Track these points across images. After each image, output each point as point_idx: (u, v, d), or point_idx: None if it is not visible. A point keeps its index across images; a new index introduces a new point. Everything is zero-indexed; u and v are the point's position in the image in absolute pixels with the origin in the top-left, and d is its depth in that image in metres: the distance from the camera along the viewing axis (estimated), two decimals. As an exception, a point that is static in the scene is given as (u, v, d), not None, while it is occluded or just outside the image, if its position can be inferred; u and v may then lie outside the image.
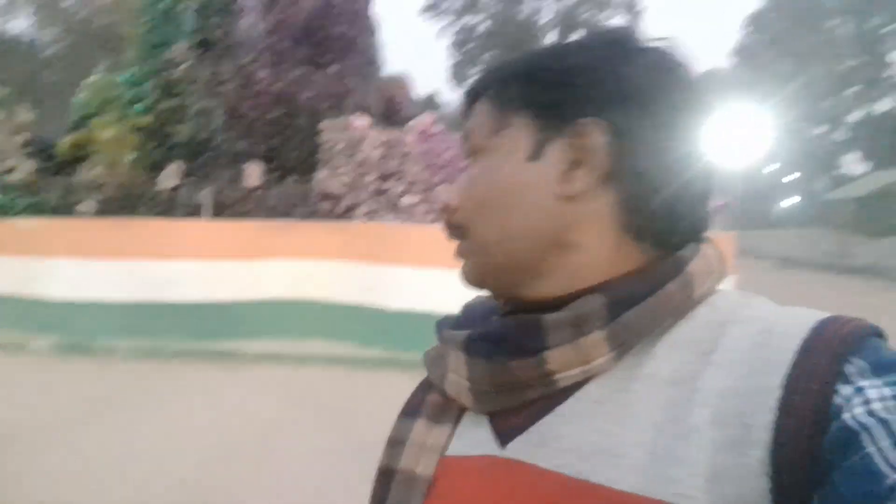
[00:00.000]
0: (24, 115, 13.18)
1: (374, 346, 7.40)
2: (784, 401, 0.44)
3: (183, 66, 12.40)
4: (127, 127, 11.18)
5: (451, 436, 0.60)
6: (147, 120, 11.47)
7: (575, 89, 0.55)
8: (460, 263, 0.61)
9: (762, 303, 0.54)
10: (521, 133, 0.57)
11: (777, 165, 41.35)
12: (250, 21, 13.52)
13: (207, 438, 5.03)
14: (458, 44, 40.65)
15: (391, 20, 15.51)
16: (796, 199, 45.64)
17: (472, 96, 0.62)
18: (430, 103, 15.94)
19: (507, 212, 0.57)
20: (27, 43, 38.25)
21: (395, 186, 10.51)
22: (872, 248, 23.02)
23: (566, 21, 40.56)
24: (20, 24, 37.76)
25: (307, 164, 11.62)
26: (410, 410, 0.64)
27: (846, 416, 0.42)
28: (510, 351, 0.55)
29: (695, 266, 0.54)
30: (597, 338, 0.52)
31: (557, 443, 0.51)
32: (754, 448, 0.44)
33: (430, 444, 0.60)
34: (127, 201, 10.30)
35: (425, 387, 0.65)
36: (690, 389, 0.48)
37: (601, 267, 0.54)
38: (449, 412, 0.61)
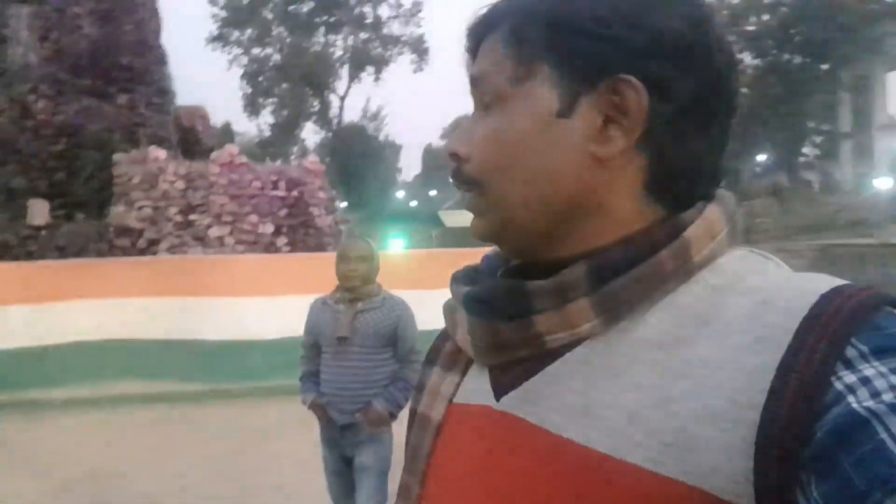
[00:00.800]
0: None
1: (193, 381, 7.33)
2: (777, 382, 0.42)
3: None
4: None
5: (459, 384, 0.63)
6: None
7: (610, 40, 0.52)
8: (470, 216, 0.59)
9: (772, 268, 0.52)
10: (546, 84, 0.54)
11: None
12: (22, 48, 12.52)
13: (29, 490, 4.77)
14: (251, 75, 40.08)
15: (180, 51, 15.15)
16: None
17: (480, 32, 0.59)
18: (227, 133, 15.73)
19: (533, 171, 0.55)
20: None
21: (200, 219, 10.40)
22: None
23: (356, 56, 41.89)
24: None
25: (99, 200, 11.02)
26: (430, 358, 0.68)
27: (852, 403, 0.40)
28: (499, 314, 0.55)
29: (694, 230, 0.52)
30: (581, 305, 0.52)
31: (544, 400, 0.53)
32: (739, 425, 0.43)
33: (442, 391, 0.63)
34: None
35: (443, 336, 0.67)
36: (677, 356, 0.48)
37: (621, 228, 0.54)
38: (459, 361, 0.63)
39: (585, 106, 0.53)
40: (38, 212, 9.68)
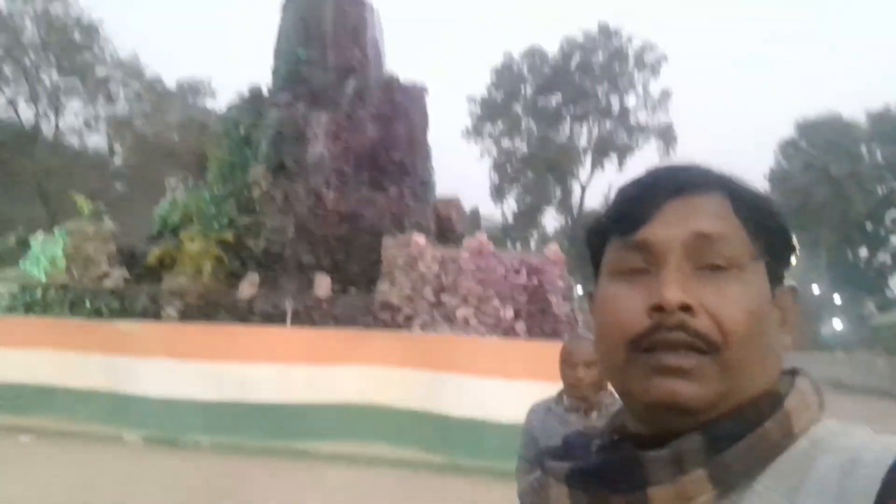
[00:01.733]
0: (109, 225, 14.62)
1: (436, 452, 7.93)
2: None
3: (260, 187, 13.79)
4: (210, 240, 12.39)
5: None
6: (228, 234, 12.70)
7: (790, 255, 0.61)
8: (675, 382, 0.55)
9: (858, 431, 0.54)
10: (763, 270, 0.59)
11: (820, 288, 41.29)
12: (319, 147, 15.00)
13: None
14: (499, 164, 42.95)
15: (439, 143, 16.99)
16: (842, 322, 45.09)
17: (682, 184, 0.61)
18: (475, 218, 17.19)
19: (769, 346, 0.57)
20: (101, 156, 41.57)
21: (450, 300, 11.36)
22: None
23: (600, 146, 42.69)
24: (96, 140, 41.10)
25: (368, 277, 12.61)
26: None
27: None
28: (611, 486, 0.55)
29: (792, 401, 0.55)
30: (698, 476, 0.52)
31: None
32: None
33: None
34: (207, 308, 11.29)
35: None
36: None
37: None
38: None
39: (774, 300, 0.59)
40: (322, 285, 11.39)
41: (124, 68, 39.87)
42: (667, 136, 42.16)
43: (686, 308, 0.55)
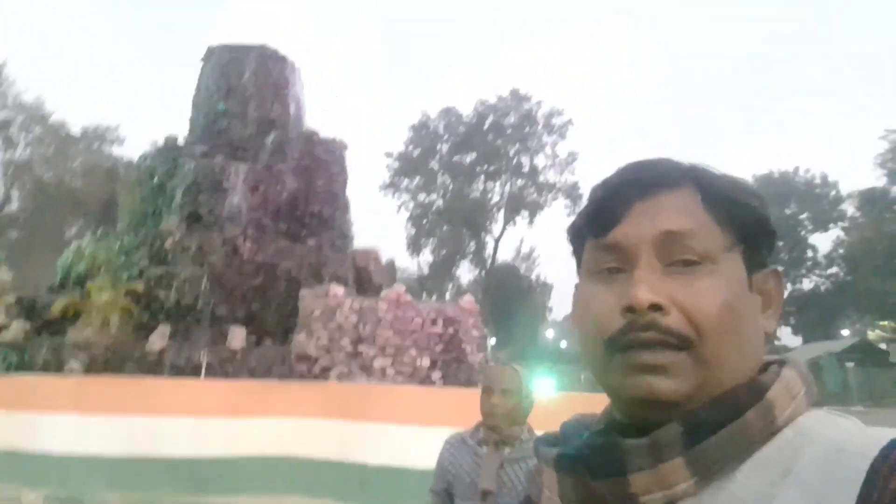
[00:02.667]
0: (6, 275, 13.94)
1: (354, 500, 7.98)
2: None
3: (173, 237, 13.61)
4: (120, 291, 12.06)
5: None
6: (139, 285, 12.41)
7: (771, 239, 0.62)
8: (652, 376, 0.56)
9: (845, 423, 0.55)
10: (739, 259, 0.60)
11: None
12: (237, 198, 15.01)
13: None
14: (416, 218, 43.73)
15: (357, 196, 17.40)
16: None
17: (650, 184, 0.61)
18: (391, 270, 17.48)
19: (746, 335, 0.58)
20: (-6, 202, 39.26)
21: (367, 350, 11.53)
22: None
23: (512, 202, 44.36)
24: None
25: (284, 328, 12.60)
26: None
27: None
28: (594, 471, 0.57)
29: (775, 391, 0.56)
30: (676, 464, 0.54)
31: None
32: None
33: None
34: (115, 361, 10.93)
35: (526, 503, 0.67)
36: None
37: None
38: None
39: (753, 286, 0.60)
40: (237, 337, 11.30)
41: (27, 111, 38.23)
42: (573, 194, 44.34)
43: (657, 307, 0.56)
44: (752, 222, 0.62)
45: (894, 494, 0.45)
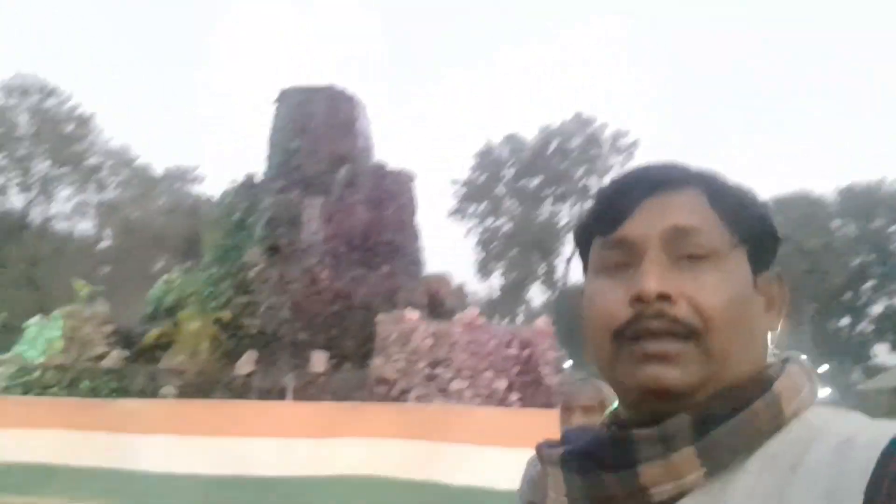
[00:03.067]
0: (104, 308, 14.90)
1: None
2: None
3: (256, 269, 14.26)
4: (208, 319, 12.71)
5: None
6: (227, 314, 13.05)
7: (774, 243, 0.64)
8: (660, 366, 0.57)
9: (852, 417, 0.56)
10: (745, 258, 0.61)
11: (806, 359, 41.87)
12: (313, 230, 15.59)
13: None
14: (484, 242, 43.93)
15: (426, 223, 17.75)
16: (829, 390, 45.39)
17: (658, 183, 0.63)
18: (461, 295, 17.74)
19: (751, 330, 0.59)
20: (87, 241, 41.93)
21: (444, 373, 11.69)
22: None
23: (581, 223, 43.87)
24: (83, 226, 41.60)
25: (362, 353, 12.93)
26: None
27: None
28: (603, 465, 0.57)
29: (781, 384, 0.57)
30: (686, 454, 0.54)
31: None
32: None
33: None
34: (205, 385, 11.50)
35: None
36: (778, 503, 0.50)
37: None
38: None
39: (757, 286, 0.62)
40: (319, 361, 11.70)
41: (114, 156, 40.88)
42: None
43: (665, 297, 0.57)
44: (758, 224, 0.63)
45: None
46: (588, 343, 0.64)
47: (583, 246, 0.68)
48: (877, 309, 44.74)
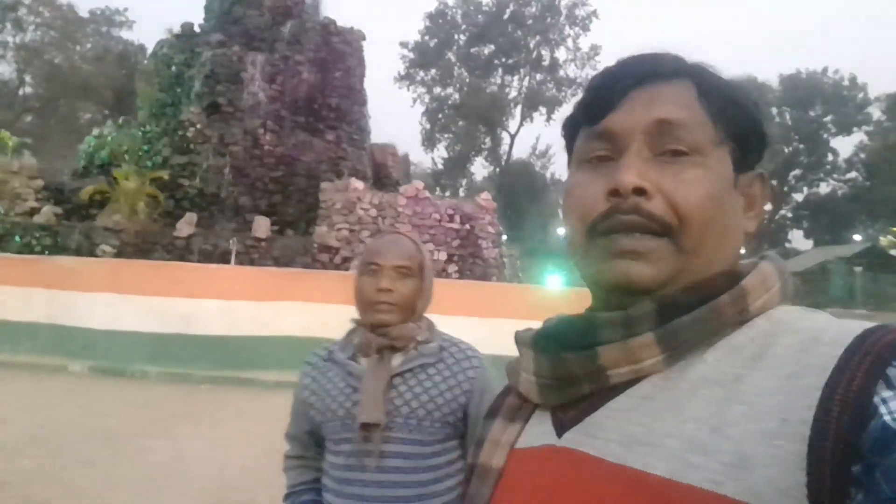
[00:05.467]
0: (32, 160, 14.25)
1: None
2: (824, 399, 0.45)
3: (194, 128, 13.74)
4: (145, 178, 12.37)
5: (521, 432, 0.65)
6: (164, 173, 12.69)
7: (761, 142, 0.63)
8: (630, 259, 0.57)
9: (820, 316, 0.56)
10: (728, 156, 0.60)
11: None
12: (255, 89, 14.95)
13: (233, 453, 5.98)
14: (431, 112, 43.09)
15: (372, 88, 17.20)
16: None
17: (648, 72, 0.61)
18: (405, 165, 17.69)
19: (727, 228, 0.59)
20: (8, 87, 39.02)
21: (386, 243, 11.92)
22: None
23: (530, 98, 43.43)
24: (3, 69, 38.49)
25: (306, 220, 12.97)
26: (491, 412, 0.71)
27: (886, 416, 0.43)
28: (568, 345, 0.59)
29: (750, 280, 0.57)
30: (646, 339, 0.55)
31: (605, 433, 0.55)
32: (790, 441, 0.45)
33: (504, 440, 0.66)
34: (144, 246, 11.41)
35: (505, 391, 0.71)
36: (733, 389, 0.50)
37: None
38: (522, 411, 0.66)
39: (739, 185, 0.61)
40: (261, 227, 11.68)
41: (33, -7, 37.21)
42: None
43: (641, 191, 0.57)
44: (746, 123, 0.62)
45: (865, 379, 0.45)
46: (566, 236, 0.65)
47: (569, 137, 0.68)
48: (797, 197, 47.05)
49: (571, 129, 0.68)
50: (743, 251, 0.65)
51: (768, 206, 0.66)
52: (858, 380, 0.45)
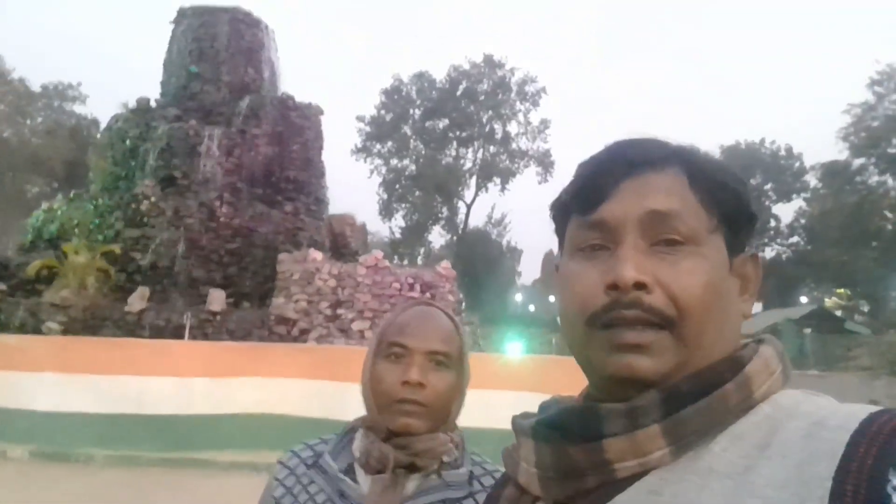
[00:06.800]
0: (-25, 236, 13.77)
1: (334, 455, 8.33)
2: (835, 489, 0.45)
3: (148, 201, 13.57)
4: (96, 252, 12.06)
5: None
6: (116, 247, 12.41)
7: (751, 224, 0.63)
8: (636, 354, 0.56)
9: (823, 400, 0.55)
10: (722, 242, 0.60)
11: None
12: (212, 162, 14.94)
13: None
14: (388, 183, 43.69)
15: (329, 160, 17.38)
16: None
17: (638, 163, 0.61)
18: (363, 234, 17.81)
19: (725, 316, 0.58)
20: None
21: (346, 313, 11.79)
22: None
23: (484, 169, 44.54)
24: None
25: (262, 292, 12.76)
26: None
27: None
28: (571, 437, 0.57)
29: (753, 367, 0.56)
30: (652, 431, 0.54)
31: None
32: None
33: None
34: (93, 321, 11.01)
35: (502, 482, 0.70)
36: (744, 481, 0.49)
37: None
38: (522, 503, 0.63)
39: (733, 268, 0.61)
40: (216, 299, 11.44)
41: (-16, 67, 36.93)
42: (545, 162, 44.70)
43: (641, 285, 0.56)
44: (736, 206, 0.62)
45: (873, 465, 0.45)
46: (561, 324, 0.64)
47: (559, 221, 0.68)
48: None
49: (560, 214, 0.68)
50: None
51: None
52: (868, 468, 0.45)
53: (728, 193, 0.62)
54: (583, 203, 0.63)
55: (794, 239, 46.29)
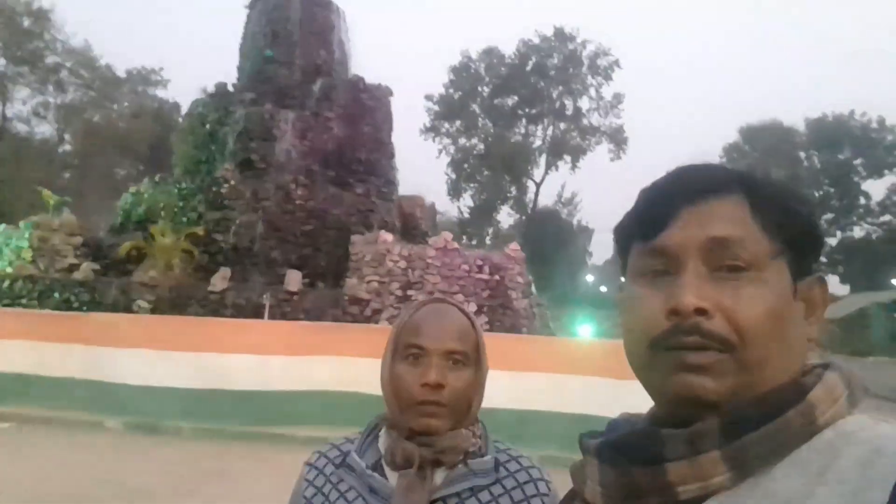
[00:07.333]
0: (72, 218, 14.67)
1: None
2: None
3: (228, 184, 14.08)
4: (181, 234, 12.65)
5: None
6: (199, 229, 12.98)
7: (817, 246, 0.64)
8: (694, 376, 0.57)
9: (886, 427, 0.55)
10: (785, 267, 0.60)
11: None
12: (286, 145, 15.32)
13: None
14: (457, 162, 43.72)
15: (398, 140, 17.46)
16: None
17: (699, 188, 0.62)
18: (432, 215, 17.97)
19: (789, 341, 0.59)
20: (48, 145, 40.53)
21: (416, 294, 11.94)
22: (855, 368, 24.30)
23: (554, 146, 43.84)
24: (43, 129, 40.05)
25: (336, 272, 13.08)
26: None
27: None
28: (633, 459, 0.58)
29: (817, 393, 0.57)
30: (713, 457, 0.55)
31: None
32: None
33: None
34: (179, 300, 11.58)
35: (570, 497, 0.70)
36: None
37: None
38: None
39: (797, 293, 0.61)
40: (294, 280, 11.81)
41: (75, 56, 38.95)
42: (618, 138, 43.63)
43: (701, 311, 0.57)
44: (800, 229, 0.62)
45: None
46: (625, 344, 0.65)
47: (622, 245, 0.70)
48: (831, 241, 46.32)
49: (623, 238, 0.69)
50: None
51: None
52: None
53: (791, 217, 0.62)
54: (645, 230, 0.64)
55: (886, 217, 43.66)
